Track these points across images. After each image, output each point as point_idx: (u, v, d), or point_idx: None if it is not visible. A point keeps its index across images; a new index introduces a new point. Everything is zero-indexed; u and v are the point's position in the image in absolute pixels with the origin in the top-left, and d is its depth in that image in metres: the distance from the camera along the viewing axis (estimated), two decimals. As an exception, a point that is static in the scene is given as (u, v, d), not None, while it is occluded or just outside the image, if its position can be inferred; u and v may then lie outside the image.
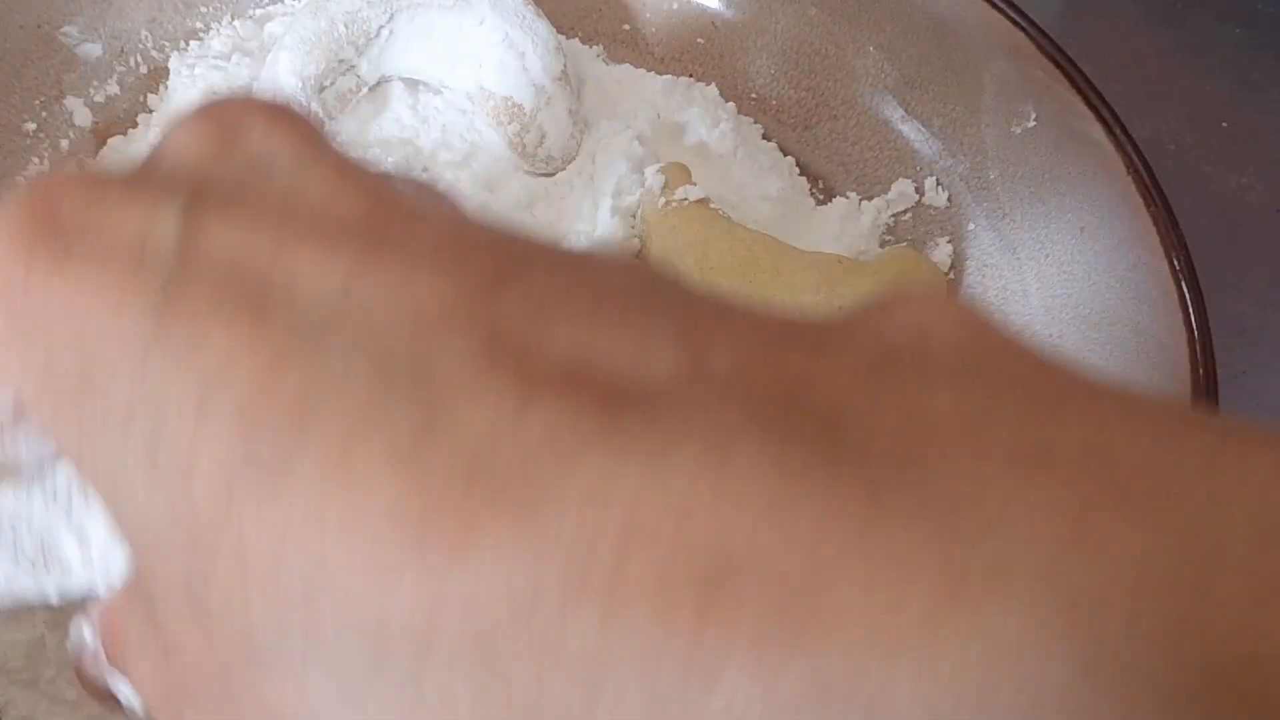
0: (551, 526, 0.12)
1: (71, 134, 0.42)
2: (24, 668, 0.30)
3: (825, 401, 0.12)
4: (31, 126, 0.41)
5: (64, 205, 0.15)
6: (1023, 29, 0.39)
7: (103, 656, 0.20)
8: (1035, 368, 0.13)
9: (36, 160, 0.41)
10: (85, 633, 0.21)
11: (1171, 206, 0.35)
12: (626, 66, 0.46)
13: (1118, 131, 0.37)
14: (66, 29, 0.42)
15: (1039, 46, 0.39)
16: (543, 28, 0.45)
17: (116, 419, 0.15)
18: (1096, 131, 0.37)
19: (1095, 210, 0.38)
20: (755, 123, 0.45)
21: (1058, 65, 0.38)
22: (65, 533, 0.22)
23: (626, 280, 0.14)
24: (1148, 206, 0.35)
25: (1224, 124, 0.55)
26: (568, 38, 0.46)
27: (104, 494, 0.16)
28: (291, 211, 0.15)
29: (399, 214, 0.15)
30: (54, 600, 0.22)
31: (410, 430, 0.13)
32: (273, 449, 0.13)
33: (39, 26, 0.41)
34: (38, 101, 0.41)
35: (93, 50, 0.42)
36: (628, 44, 0.47)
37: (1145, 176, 0.36)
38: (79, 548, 0.22)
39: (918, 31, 0.42)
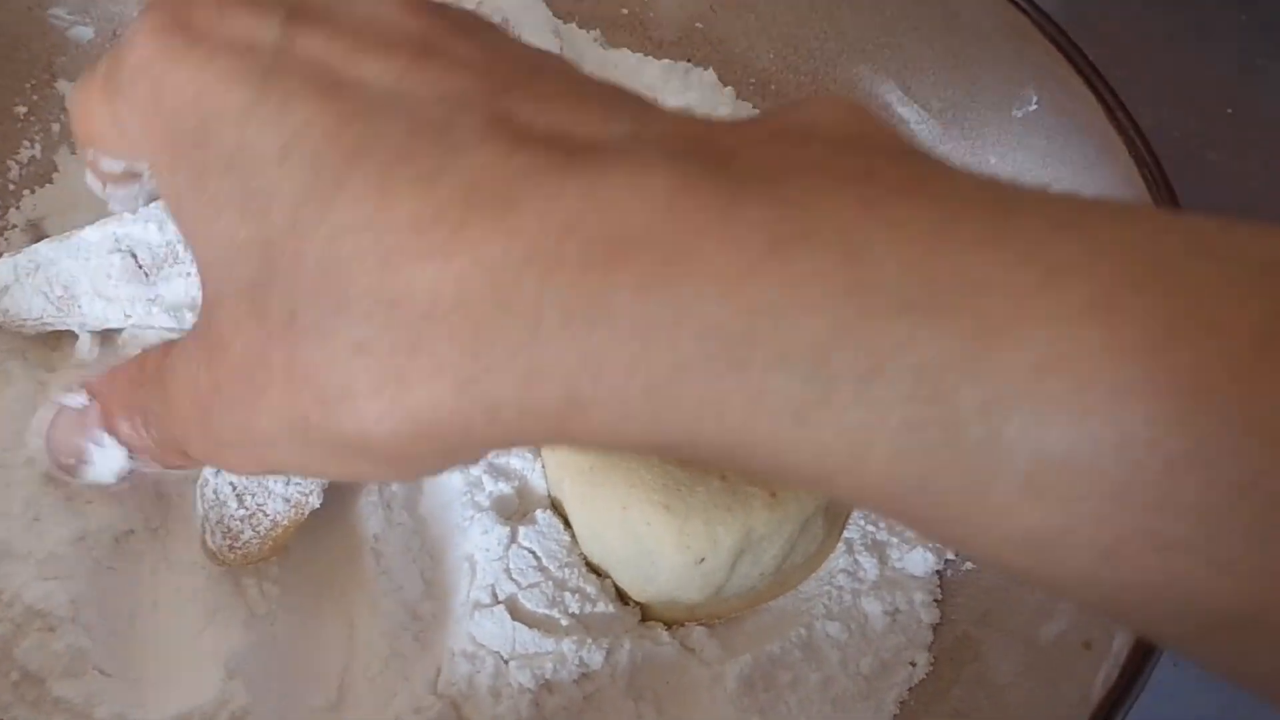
0: (516, 223, 0.17)
1: (63, 117, 0.41)
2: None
3: (725, 150, 0.18)
4: (22, 109, 0.41)
5: (195, 12, 0.21)
6: (1025, 12, 0.38)
7: (92, 416, 0.26)
8: (899, 143, 0.18)
9: (27, 143, 0.41)
10: (75, 399, 0.27)
11: (1175, 192, 0.35)
12: (624, 51, 0.45)
13: (1120, 116, 0.36)
14: (57, 11, 0.41)
15: (1041, 30, 0.38)
16: (540, 10, 0.44)
17: (220, 164, 0.20)
18: (1099, 116, 0.36)
19: (1098, 195, 0.37)
20: (754, 107, 0.45)
21: (1060, 49, 0.38)
22: (84, 284, 0.29)
23: (612, 89, 0.20)
24: (1151, 192, 0.35)
25: (1229, 110, 0.55)
26: (565, 21, 0.45)
27: (194, 228, 0.21)
28: (365, 28, 0.20)
29: (447, 33, 0.20)
30: (87, 329, 0.30)
31: (430, 167, 0.18)
32: (330, 180, 0.18)
33: (29, 9, 0.41)
34: (29, 84, 0.41)
35: (84, 33, 0.42)
36: (626, 28, 0.46)
37: (1149, 162, 0.35)
38: (93, 297, 0.30)
39: (918, 13, 0.42)
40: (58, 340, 0.35)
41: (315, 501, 0.31)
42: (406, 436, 0.19)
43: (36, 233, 0.40)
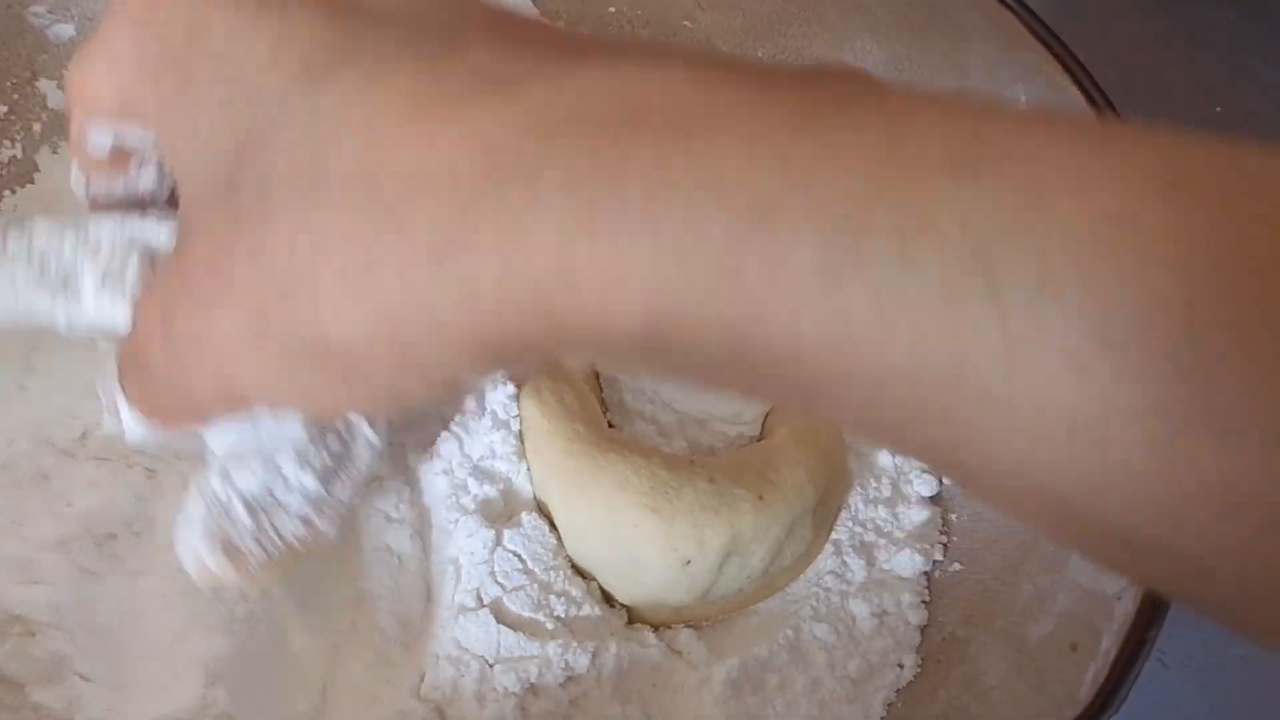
0: (523, 104, 0.17)
1: (45, 116, 0.41)
2: None
3: (748, 60, 0.17)
4: (3, 109, 0.40)
5: None
6: (1014, 11, 0.38)
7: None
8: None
9: (8, 143, 0.40)
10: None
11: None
12: (612, 49, 0.45)
13: (1109, 116, 0.36)
14: (36, 9, 0.41)
15: (1030, 29, 0.38)
16: (527, 6, 0.44)
17: (207, 69, 0.20)
18: (1088, 116, 0.36)
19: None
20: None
21: (1049, 48, 0.38)
22: (89, 269, 0.27)
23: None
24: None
25: (1217, 109, 0.55)
26: (553, 20, 0.45)
27: (176, 136, 0.21)
28: None
29: None
30: (62, 327, 0.26)
31: (431, 55, 0.18)
32: (323, 66, 0.18)
33: (9, 7, 0.40)
34: (9, 84, 0.40)
35: (65, 31, 0.41)
36: (613, 26, 0.46)
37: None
38: (95, 285, 0.26)
39: (906, 12, 0.42)
40: (37, 340, 0.34)
41: (332, 532, 0.28)
42: (367, 336, 0.17)
43: (18, 233, 0.40)
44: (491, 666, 0.30)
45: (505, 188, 0.16)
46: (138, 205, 0.28)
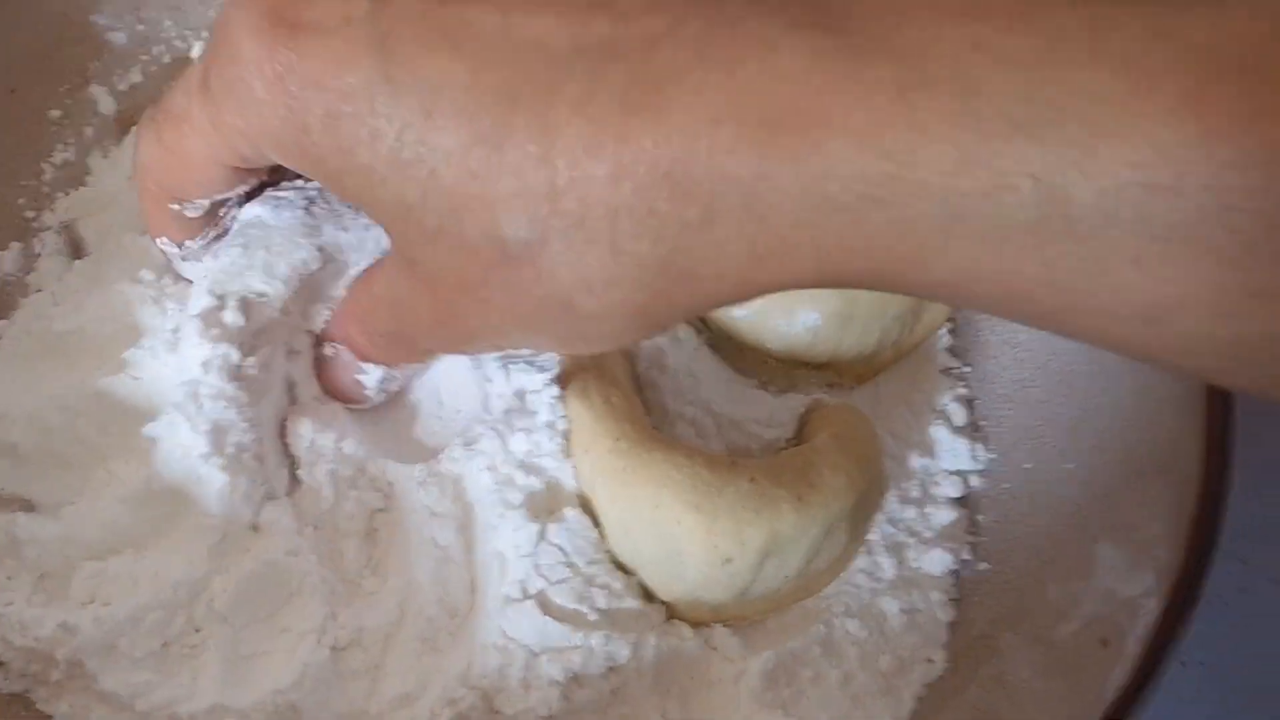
0: (672, 122, 0.21)
1: (95, 121, 0.42)
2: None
3: (840, 11, 0.20)
4: (57, 113, 0.41)
5: (283, 6, 0.23)
6: None
7: (347, 358, 0.31)
8: None
9: (61, 146, 0.41)
10: (326, 350, 0.31)
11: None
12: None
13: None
14: (93, 17, 0.42)
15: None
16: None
17: (363, 139, 0.22)
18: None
19: None
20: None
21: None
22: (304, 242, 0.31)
23: None
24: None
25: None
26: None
27: (360, 198, 0.24)
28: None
29: None
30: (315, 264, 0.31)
31: (579, 92, 0.21)
32: (490, 125, 0.21)
33: (65, 14, 0.41)
34: (63, 89, 0.42)
35: (118, 38, 0.43)
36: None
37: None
38: (313, 252, 0.31)
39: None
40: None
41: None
42: (620, 318, 0.23)
43: (70, 234, 0.41)
44: (537, 656, 0.31)
45: (689, 209, 0.21)
46: (220, 237, 0.31)
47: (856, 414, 0.36)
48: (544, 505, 0.34)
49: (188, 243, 0.30)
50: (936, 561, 0.36)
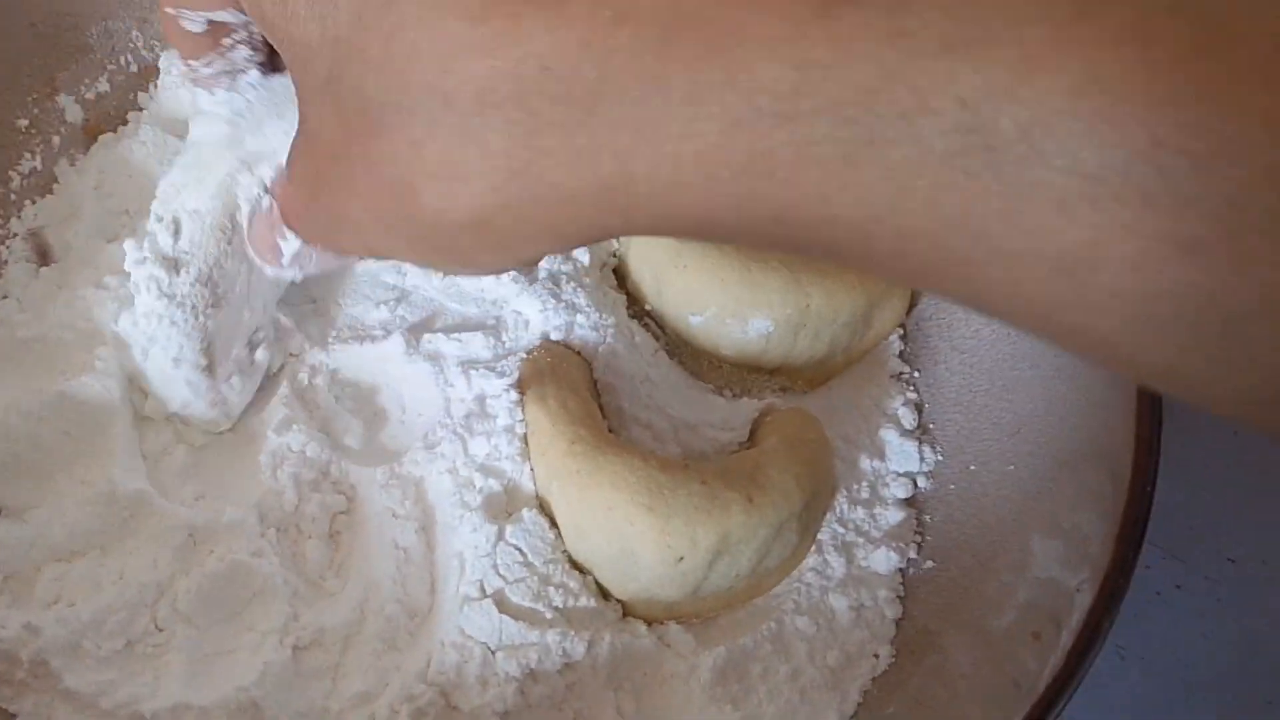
0: (570, 12, 0.19)
1: (63, 130, 0.43)
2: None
3: None
4: (24, 123, 0.42)
5: None
6: None
7: (276, 214, 0.30)
8: None
9: (29, 155, 0.42)
10: (264, 201, 0.32)
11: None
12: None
13: None
14: (61, 27, 0.42)
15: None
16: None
17: None
18: None
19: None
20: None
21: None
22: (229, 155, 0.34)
23: None
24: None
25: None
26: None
27: (277, 34, 0.24)
28: None
29: None
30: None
31: None
32: None
33: (33, 24, 0.42)
34: (30, 98, 0.42)
35: (85, 48, 0.43)
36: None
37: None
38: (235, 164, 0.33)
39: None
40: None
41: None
42: (464, 225, 0.21)
43: (37, 241, 0.41)
44: (494, 653, 0.32)
45: (566, 107, 0.19)
46: (234, 75, 0.33)
47: (807, 418, 0.38)
48: (502, 507, 0.35)
49: (193, 63, 0.31)
50: (884, 560, 0.37)
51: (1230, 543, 0.46)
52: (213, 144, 0.34)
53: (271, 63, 0.33)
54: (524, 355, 0.36)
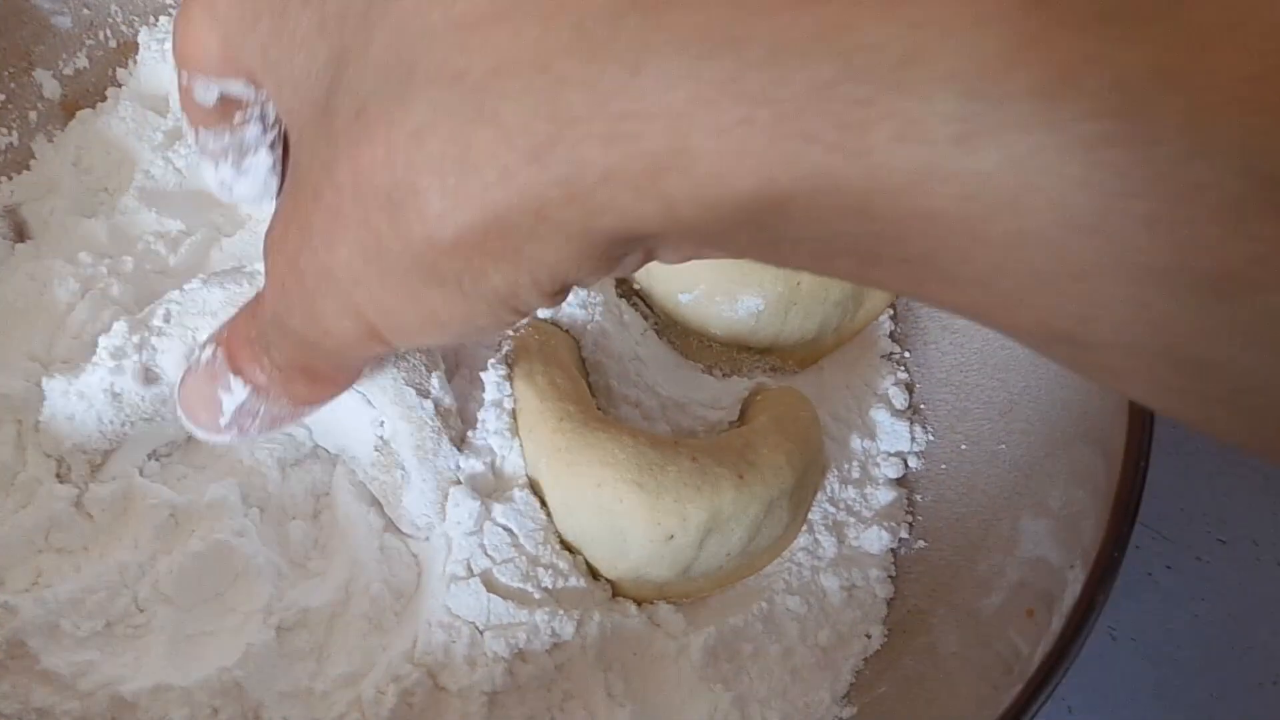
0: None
1: (40, 105, 0.42)
2: None
3: None
4: (0, 97, 0.41)
5: None
6: None
7: (220, 360, 0.26)
8: None
9: (4, 130, 0.41)
10: (205, 353, 0.27)
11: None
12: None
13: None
14: (38, 1, 0.42)
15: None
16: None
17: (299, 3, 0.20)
18: None
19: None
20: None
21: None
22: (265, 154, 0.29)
23: None
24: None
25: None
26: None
27: (278, 73, 0.21)
28: None
29: None
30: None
31: None
32: None
33: (8, -3, 0.41)
34: (6, 73, 0.41)
35: (62, 22, 0.42)
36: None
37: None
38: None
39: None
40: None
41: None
42: (473, 230, 0.17)
43: (13, 218, 0.40)
44: (482, 633, 0.32)
45: (604, 65, 0.15)
46: (241, 151, 0.30)
47: (797, 396, 0.37)
48: (491, 485, 0.34)
49: (203, 131, 0.28)
50: (875, 540, 0.37)
51: (1221, 524, 0.46)
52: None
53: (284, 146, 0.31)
54: (512, 333, 0.35)
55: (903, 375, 0.42)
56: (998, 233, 0.14)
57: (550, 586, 0.33)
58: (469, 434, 0.34)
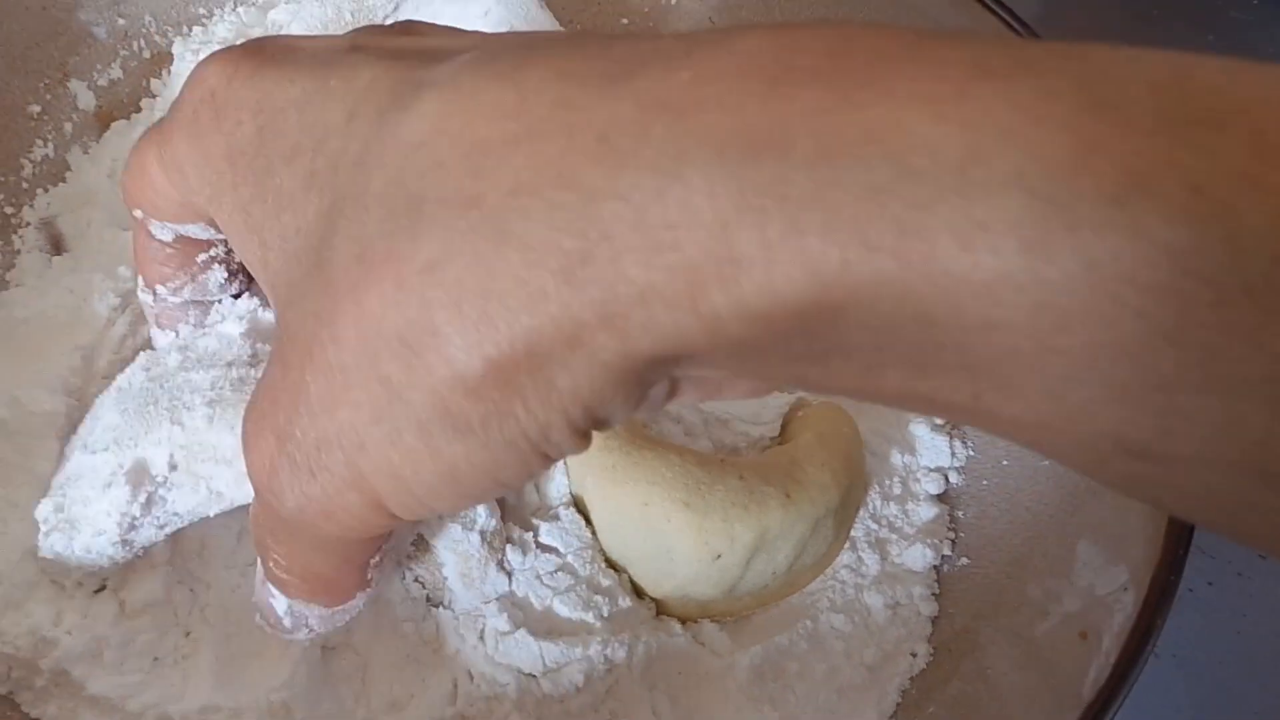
0: (634, 83, 0.15)
1: (75, 117, 0.42)
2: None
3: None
4: (36, 109, 0.41)
5: (267, 43, 0.20)
6: (994, 11, 0.39)
7: (260, 573, 0.24)
8: None
9: (40, 142, 0.41)
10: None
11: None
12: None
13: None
14: (74, 12, 0.41)
15: (1014, 31, 0.39)
16: (545, 19, 0.45)
17: (282, 156, 0.18)
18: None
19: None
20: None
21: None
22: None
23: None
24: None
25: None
26: (570, 29, 0.46)
27: (261, 239, 0.19)
28: (423, 38, 0.20)
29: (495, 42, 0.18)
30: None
31: (512, 66, 0.16)
32: (404, 96, 0.17)
33: (45, 9, 0.41)
34: (42, 84, 0.41)
35: (98, 33, 0.42)
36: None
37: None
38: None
39: (883, 12, 0.43)
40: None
41: None
42: (501, 367, 0.15)
43: (50, 230, 0.40)
44: (536, 679, 0.31)
45: (636, 176, 0.14)
46: (204, 308, 0.27)
47: (840, 412, 0.37)
48: (534, 504, 0.34)
49: (160, 289, 0.25)
50: (918, 557, 0.37)
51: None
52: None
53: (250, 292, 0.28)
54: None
55: (942, 389, 0.41)
56: (1074, 344, 0.13)
57: (607, 614, 0.32)
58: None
